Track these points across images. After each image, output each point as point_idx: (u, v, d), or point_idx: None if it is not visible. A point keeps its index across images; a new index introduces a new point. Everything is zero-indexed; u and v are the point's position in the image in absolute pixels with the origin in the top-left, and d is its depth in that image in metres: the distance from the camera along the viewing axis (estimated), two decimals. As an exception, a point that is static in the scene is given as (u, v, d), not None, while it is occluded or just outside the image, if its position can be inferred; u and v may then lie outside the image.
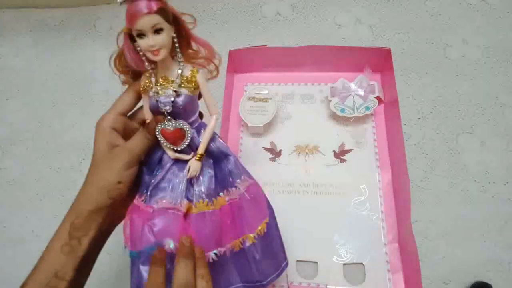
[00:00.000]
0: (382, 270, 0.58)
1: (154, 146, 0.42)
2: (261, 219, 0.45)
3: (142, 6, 0.33)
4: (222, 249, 0.42)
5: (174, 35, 0.36)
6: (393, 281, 0.57)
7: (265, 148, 0.68)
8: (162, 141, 0.41)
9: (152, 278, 0.36)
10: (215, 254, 0.41)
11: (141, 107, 0.44)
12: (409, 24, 0.78)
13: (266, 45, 0.69)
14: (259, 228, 0.45)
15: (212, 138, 0.43)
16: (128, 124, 0.43)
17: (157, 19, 0.34)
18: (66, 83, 0.78)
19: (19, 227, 0.67)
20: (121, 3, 0.33)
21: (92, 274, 0.41)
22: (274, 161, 0.67)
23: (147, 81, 0.39)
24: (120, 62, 0.39)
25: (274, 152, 0.68)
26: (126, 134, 0.42)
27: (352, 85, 0.67)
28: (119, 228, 0.43)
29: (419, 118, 0.69)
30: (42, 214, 0.67)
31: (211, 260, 0.41)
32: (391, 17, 0.79)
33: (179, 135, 0.40)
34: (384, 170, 0.64)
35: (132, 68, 0.39)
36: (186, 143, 0.41)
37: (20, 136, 0.74)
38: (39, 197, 0.69)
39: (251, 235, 0.44)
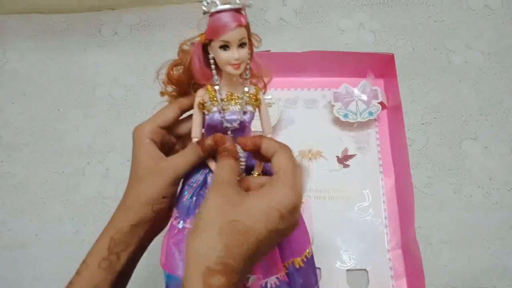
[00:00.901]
0: (386, 276, 0.57)
1: (198, 165, 0.39)
2: (307, 241, 0.43)
3: (235, 18, 0.33)
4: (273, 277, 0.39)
5: (249, 51, 0.36)
6: (396, 287, 0.57)
7: (268, 153, 0.68)
8: None
9: (222, 173, 0.34)
10: (277, 278, 0.38)
11: (179, 121, 0.42)
12: (412, 30, 0.78)
13: (269, 50, 0.69)
14: (307, 250, 0.43)
15: None
16: (165, 138, 0.41)
17: (244, 33, 0.34)
18: (71, 87, 0.79)
19: (22, 230, 0.67)
20: (205, 12, 0.33)
21: None
22: (277, 166, 0.67)
23: (209, 96, 0.37)
24: (176, 72, 0.38)
25: (277, 157, 0.68)
26: (162, 148, 0.40)
27: (355, 90, 0.67)
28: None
29: (423, 124, 0.69)
30: (46, 217, 0.67)
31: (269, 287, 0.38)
32: (394, 23, 0.79)
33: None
34: (388, 176, 0.64)
35: (190, 80, 0.38)
36: (243, 163, 0.38)
37: (24, 140, 0.75)
38: (43, 200, 0.69)
39: (299, 258, 0.42)
